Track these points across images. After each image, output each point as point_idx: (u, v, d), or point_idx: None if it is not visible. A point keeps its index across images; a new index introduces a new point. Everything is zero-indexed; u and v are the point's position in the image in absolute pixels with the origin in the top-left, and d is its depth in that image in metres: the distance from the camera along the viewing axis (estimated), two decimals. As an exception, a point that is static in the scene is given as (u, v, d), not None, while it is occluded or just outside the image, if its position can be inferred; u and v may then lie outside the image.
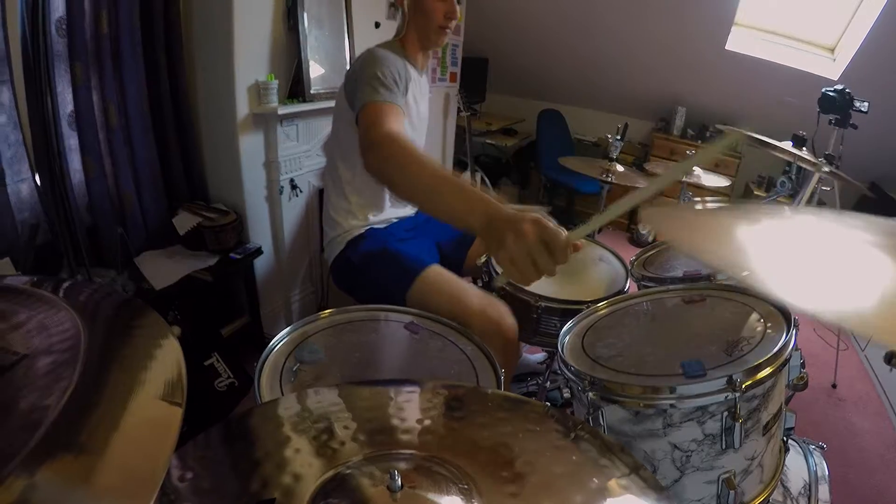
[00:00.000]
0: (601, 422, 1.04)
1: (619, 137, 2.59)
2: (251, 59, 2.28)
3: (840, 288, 0.62)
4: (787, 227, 0.86)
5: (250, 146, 2.38)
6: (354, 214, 1.75)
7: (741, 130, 1.26)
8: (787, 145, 1.99)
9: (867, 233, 0.76)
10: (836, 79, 3.46)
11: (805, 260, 0.72)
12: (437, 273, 1.62)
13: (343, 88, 1.66)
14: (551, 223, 0.91)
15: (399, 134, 1.30)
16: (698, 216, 0.98)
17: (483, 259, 1.80)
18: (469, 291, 1.56)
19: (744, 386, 0.92)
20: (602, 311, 1.39)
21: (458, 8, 1.67)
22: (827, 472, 1.40)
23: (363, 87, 1.48)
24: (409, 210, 1.92)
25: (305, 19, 2.42)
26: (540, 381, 2.20)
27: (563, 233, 0.90)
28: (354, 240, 1.75)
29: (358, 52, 1.82)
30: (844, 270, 0.68)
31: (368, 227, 1.76)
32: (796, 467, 1.39)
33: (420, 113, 1.80)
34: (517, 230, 0.90)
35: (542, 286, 1.69)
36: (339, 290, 1.84)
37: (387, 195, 1.79)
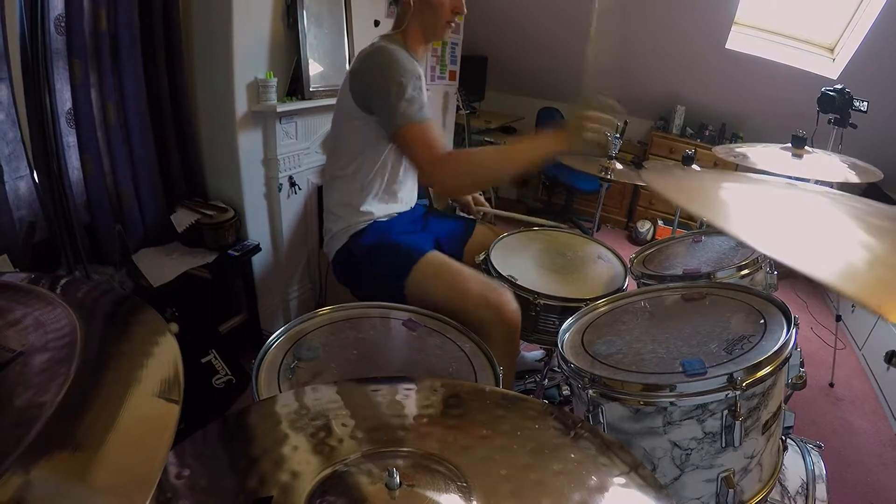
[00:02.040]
0: (601, 419, 1.04)
1: (618, 135, 2.58)
2: (250, 57, 2.28)
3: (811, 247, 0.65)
4: (779, 195, 0.88)
5: (249, 143, 2.38)
6: (356, 209, 1.75)
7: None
8: (787, 145, 1.99)
9: (858, 212, 0.77)
10: (835, 78, 3.47)
11: (785, 221, 0.75)
12: (436, 259, 1.62)
13: (348, 86, 1.64)
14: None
15: (452, 150, 1.52)
16: (697, 178, 1.01)
17: (482, 256, 1.80)
18: (469, 276, 1.56)
19: (744, 384, 0.92)
20: (601, 309, 1.39)
21: (464, 2, 1.67)
22: (824, 472, 1.40)
23: (396, 103, 1.50)
24: (409, 205, 1.92)
25: (305, 17, 2.41)
26: (538, 379, 2.20)
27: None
28: (357, 233, 1.75)
29: (357, 50, 1.80)
30: (819, 234, 0.71)
31: (372, 222, 1.76)
32: (794, 466, 1.39)
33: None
34: (577, 125, 1.39)
35: (540, 283, 1.69)
36: (339, 284, 1.84)
37: (387, 188, 1.79)
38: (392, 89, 1.51)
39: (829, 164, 1.91)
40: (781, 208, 0.84)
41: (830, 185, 1.88)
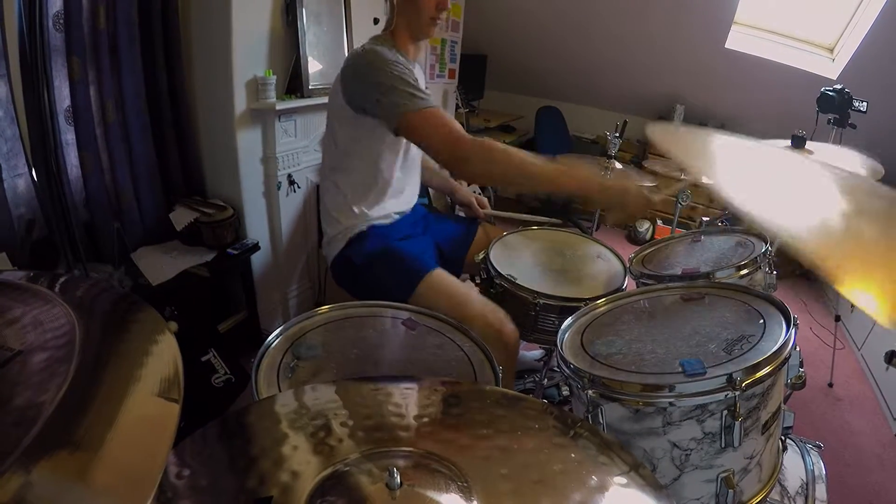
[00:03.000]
0: (600, 420, 1.03)
1: (617, 135, 2.58)
2: (249, 55, 2.27)
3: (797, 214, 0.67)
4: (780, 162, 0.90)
5: (248, 142, 2.38)
6: (353, 211, 1.74)
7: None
8: (787, 144, 1.99)
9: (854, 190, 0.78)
10: (835, 78, 3.47)
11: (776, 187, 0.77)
12: (440, 277, 1.62)
13: (339, 86, 1.63)
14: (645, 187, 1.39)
15: (480, 138, 1.45)
16: (703, 138, 1.03)
17: (481, 256, 1.80)
18: (471, 297, 1.56)
19: (744, 384, 0.92)
20: (601, 309, 1.39)
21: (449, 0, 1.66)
22: (824, 472, 1.40)
23: (395, 95, 1.47)
24: (408, 205, 1.91)
25: (304, 15, 2.41)
26: (537, 379, 2.20)
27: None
28: (355, 238, 1.73)
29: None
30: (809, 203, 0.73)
31: (370, 225, 1.75)
32: (794, 466, 1.39)
33: None
34: (638, 198, 1.39)
35: (540, 283, 1.69)
36: (338, 287, 1.84)
37: (385, 189, 1.78)
38: (386, 82, 1.48)
39: (833, 157, 1.91)
40: (768, 167, 0.85)
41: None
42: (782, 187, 0.76)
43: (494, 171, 1.48)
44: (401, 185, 1.82)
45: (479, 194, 2.30)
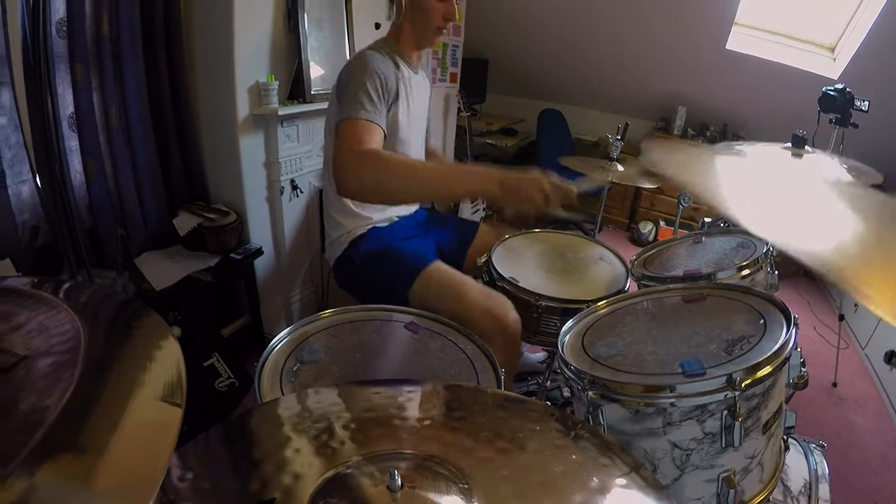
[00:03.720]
0: (601, 420, 1.04)
1: (619, 137, 2.58)
2: (251, 61, 2.29)
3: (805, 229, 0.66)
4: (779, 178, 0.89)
5: (251, 147, 2.39)
6: (356, 213, 1.75)
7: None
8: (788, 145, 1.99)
9: (855, 198, 0.78)
10: (836, 78, 3.46)
11: (779, 199, 0.76)
12: (439, 269, 1.62)
13: (335, 91, 1.65)
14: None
15: (382, 151, 1.41)
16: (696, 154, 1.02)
17: (484, 258, 1.80)
18: (471, 287, 1.56)
19: (743, 385, 0.92)
20: (602, 311, 1.39)
21: (456, 9, 1.67)
22: (827, 471, 1.39)
23: (350, 99, 1.48)
24: (409, 208, 1.92)
25: (306, 20, 2.42)
26: (540, 381, 2.20)
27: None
28: (356, 239, 1.75)
29: (358, 53, 1.81)
30: (814, 216, 0.72)
31: (371, 227, 1.76)
32: (797, 466, 1.39)
33: (414, 111, 1.77)
34: (533, 182, 1.27)
35: (542, 285, 1.69)
36: (341, 290, 1.84)
37: None
38: (352, 88, 1.50)
39: (829, 167, 1.91)
40: (775, 185, 0.84)
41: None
42: (788, 204, 0.76)
43: (382, 178, 1.34)
44: None
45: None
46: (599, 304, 1.42)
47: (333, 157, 1.44)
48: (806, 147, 1.95)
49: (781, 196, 0.78)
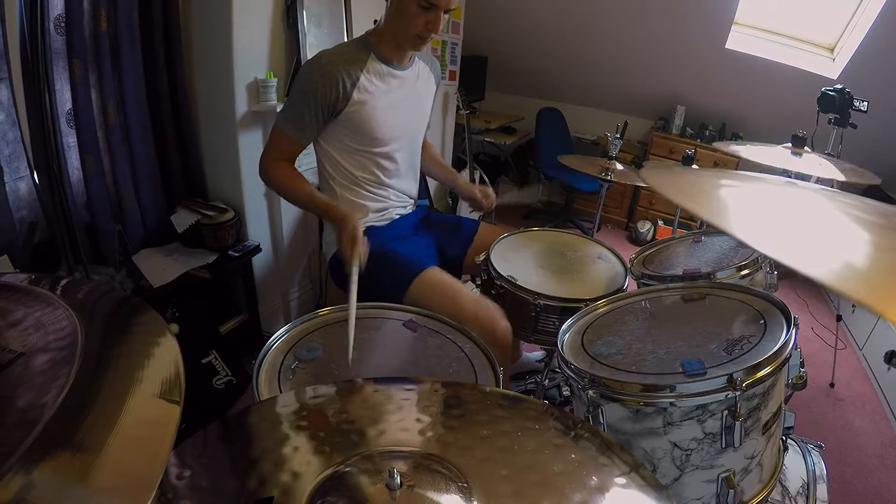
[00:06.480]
0: (601, 420, 1.04)
1: (618, 136, 2.58)
2: (250, 57, 2.28)
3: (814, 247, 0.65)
4: (778, 194, 0.88)
5: (249, 144, 2.38)
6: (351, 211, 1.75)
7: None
8: (787, 145, 1.99)
9: (856, 209, 0.77)
10: (835, 78, 3.46)
11: (783, 220, 0.76)
12: (435, 275, 1.62)
13: None
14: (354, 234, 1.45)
15: (284, 167, 1.68)
16: (696, 176, 1.01)
17: (482, 257, 1.80)
18: (464, 295, 1.56)
19: (744, 385, 0.92)
20: (601, 310, 1.39)
21: (442, 21, 1.59)
22: (825, 472, 1.40)
23: (285, 105, 1.67)
24: (407, 207, 1.91)
25: (304, 17, 2.41)
26: (538, 380, 2.20)
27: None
28: None
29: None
30: (821, 235, 0.71)
31: (368, 226, 1.75)
32: (795, 466, 1.39)
33: (400, 108, 1.73)
34: (340, 228, 1.49)
35: (540, 283, 1.69)
36: (338, 288, 1.84)
37: (381, 191, 1.79)
38: (290, 94, 1.68)
39: (827, 170, 1.91)
40: (780, 206, 0.84)
41: (831, 183, 1.88)
42: (802, 226, 0.75)
43: (272, 187, 1.74)
44: (396, 185, 1.82)
45: (487, 185, 2.27)
46: (599, 302, 1.42)
47: (260, 159, 1.70)
48: (805, 148, 1.96)
49: (786, 220, 0.77)
